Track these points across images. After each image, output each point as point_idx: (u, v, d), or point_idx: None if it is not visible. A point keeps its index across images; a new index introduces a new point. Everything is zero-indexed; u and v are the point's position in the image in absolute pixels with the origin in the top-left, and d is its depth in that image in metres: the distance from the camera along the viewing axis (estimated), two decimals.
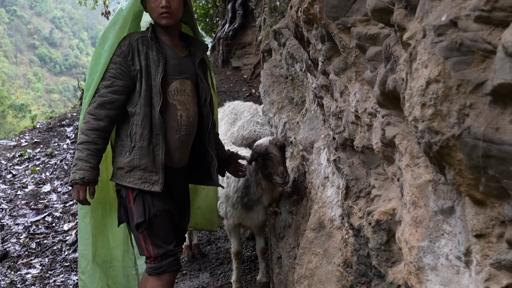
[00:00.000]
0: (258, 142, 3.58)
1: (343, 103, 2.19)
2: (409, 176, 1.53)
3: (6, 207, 6.84)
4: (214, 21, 14.21)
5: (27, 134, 10.59)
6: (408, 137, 1.60)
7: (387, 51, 1.61)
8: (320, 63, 2.38)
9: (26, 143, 9.83)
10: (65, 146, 9.53)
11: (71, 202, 6.86)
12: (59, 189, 7.45)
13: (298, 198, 3.34)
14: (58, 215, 6.43)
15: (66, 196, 7.16)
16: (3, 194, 7.38)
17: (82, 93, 15.67)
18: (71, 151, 9.16)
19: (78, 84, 16.63)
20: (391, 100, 1.63)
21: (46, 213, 6.51)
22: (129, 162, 3.02)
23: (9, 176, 8.16)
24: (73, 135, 10.13)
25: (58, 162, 8.67)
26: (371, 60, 1.81)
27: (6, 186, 7.71)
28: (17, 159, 8.92)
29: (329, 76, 2.31)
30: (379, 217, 1.82)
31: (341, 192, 2.23)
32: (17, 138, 10.38)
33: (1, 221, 6.38)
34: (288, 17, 2.91)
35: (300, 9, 2.41)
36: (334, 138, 2.41)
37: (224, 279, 4.70)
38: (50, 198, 7.09)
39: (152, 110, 3.00)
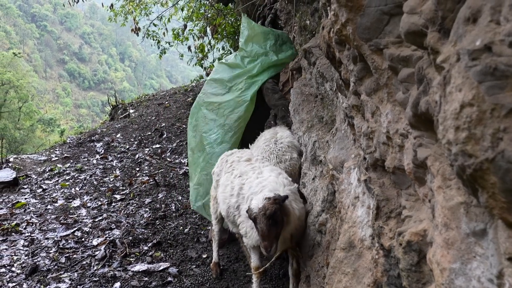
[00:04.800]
0: (251, 205, 3.54)
1: (375, 123, 2.21)
2: (441, 197, 1.54)
3: (36, 221, 6.96)
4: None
5: (57, 149, 10.80)
6: (440, 158, 1.60)
7: (419, 73, 1.62)
8: (351, 84, 2.40)
9: (56, 158, 10.02)
10: (94, 162, 9.68)
11: (100, 218, 6.96)
12: (88, 204, 7.55)
13: (327, 217, 3.34)
14: (87, 230, 6.51)
15: (95, 211, 7.26)
16: (34, 208, 7.51)
17: (112, 108, 15.95)
18: (100, 167, 9.30)
19: (108, 100, 16.88)
20: (424, 122, 1.65)
21: (76, 228, 6.60)
22: None
23: (39, 190, 8.31)
24: (102, 151, 10.29)
25: (88, 177, 8.81)
26: (404, 81, 1.82)
27: (37, 201, 7.85)
28: (48, 173, 9.09)
29: (360, 96, 2.33)
30: (410, 238, 1.82)
31: (372, 212, 2.24)
32: (47, 153, 10.59)
33: (32, 235, 6.49)
34: (319, 37, 2.95)
35: (332, 29, 2.44)
36: (364, 158, 2.42)
37: None
38: (79, 213, 7.19)
39: None
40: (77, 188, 8.31)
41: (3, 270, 5.55)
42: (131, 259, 5.62)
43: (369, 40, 1.99)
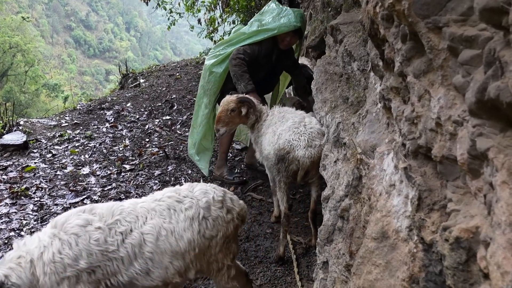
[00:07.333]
0: None
1: (421, 108, 2.05)
2: (507, 194, 1.39)
3: (46, 186, 6.89)
4: (255, 14, 14.09)
5: (67, 115, 10.71)
6: (505, 151, 1.45)
7: (490, 55, 1.46)
8: (397, 64, 2.23)
9: (66, 124, 9.93)
10: (104, 130, 9.58)
11: (109, 187, 6.87)
12: (97, 173, 7.46)
13: (351, 202, 3.20)
14: (96, 199, 6.43)
15: (104, 180, 7.17)
16: (43, 173, 7.44)
17: (122, 77, 15.80)
18: (110, 135, 9.21)
19: (119, 68, 16.69)
20: (489, 109, 1.49)
21: (85, 196, 6.53)
22: None
23: (49, 155, 8.24)
24: (112, 119, 10.18)
25: (97, 145, 8.72)
26: (465, 64, 1.66)
27: (46, 165, 7.77)
28: (57, 139, 9.01)
29: (406, 78, 2.17)
30: (459, 234, 1.68)
31: (412, 203, 2.09)
32: (57, 118, 10.49)
33: (41, 200, 6.43)
34: (362, 12, 2.76)
35: (379, 4, 2.27)
36: (403, 144, 2.26)
37: (264, 278, 4.58)
38: (88, 181, 7.11)
39: None
40: (87, 156, 8.22)
41: (12, 233, 5.53)
42: None
43: (426, 17, 1.82)
